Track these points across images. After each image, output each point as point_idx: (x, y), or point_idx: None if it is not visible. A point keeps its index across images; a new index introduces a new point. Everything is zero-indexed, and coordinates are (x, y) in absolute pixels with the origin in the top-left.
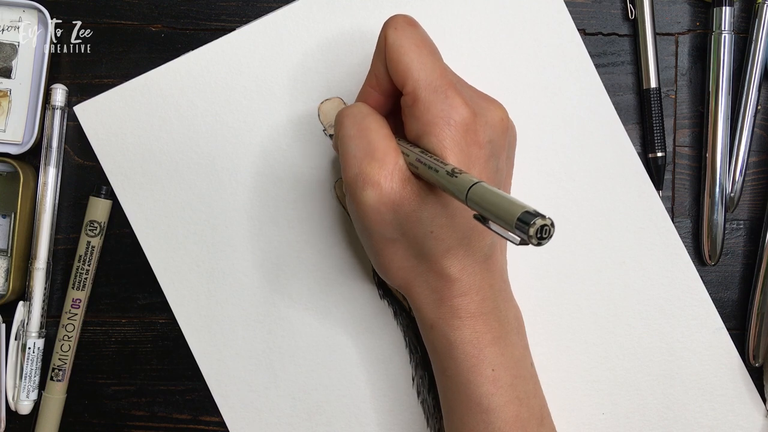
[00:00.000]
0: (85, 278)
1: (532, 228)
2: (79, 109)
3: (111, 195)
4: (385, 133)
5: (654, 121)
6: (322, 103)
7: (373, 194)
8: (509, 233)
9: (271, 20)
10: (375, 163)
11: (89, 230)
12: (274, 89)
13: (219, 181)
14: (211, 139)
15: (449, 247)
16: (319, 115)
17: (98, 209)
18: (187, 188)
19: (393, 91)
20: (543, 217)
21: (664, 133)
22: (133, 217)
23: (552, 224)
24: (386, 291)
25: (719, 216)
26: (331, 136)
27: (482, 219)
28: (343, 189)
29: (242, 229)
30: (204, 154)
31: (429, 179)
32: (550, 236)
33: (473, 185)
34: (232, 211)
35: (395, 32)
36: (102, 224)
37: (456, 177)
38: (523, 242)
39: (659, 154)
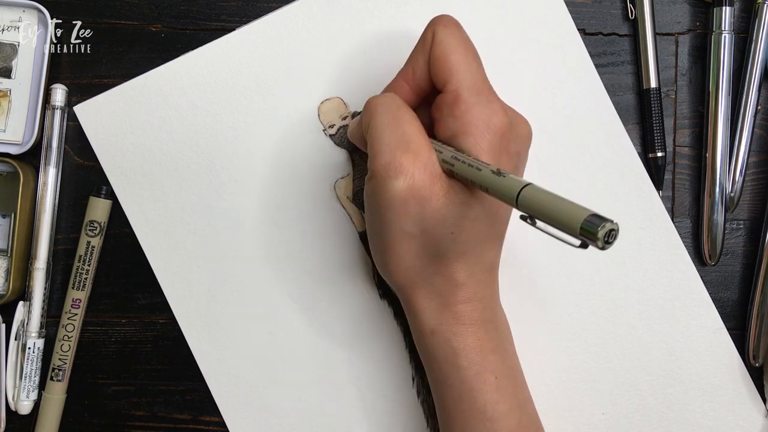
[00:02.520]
0: (85, 278)
1: (602, 231)
2: (79, 109)
3: (111, 195)
4: (419, 126)
5: (654, 121)
6: (322, 103)
7: (403, 184)
8: (567, 236)
9: (271, 20)
10: (410, 154)
11: (89, 230)
12: (274, 89)
13: (219, 181)
14: (211, 139)
15: (464, 251)
16: (319, 115)
17: (98, 209)
18: (187, 188)
19: (424, 89)
20: (611, 221)
21: (664, 133)
22: (133, 217)
23: (618, 228)
24: (386, 291)
25: (719, 216)
26: (331, 136)
27: (530, 220)
28: (364, 181)
29: (242, 229)
30: (204, 154)
31: (468, 176)
32: (615, 239)
33: (525, 186)
34: (232, 211)
35: (445, 30)
36: (102, 224)
37: (504, 177)
38: (583, 245)
39: (659, 154)
